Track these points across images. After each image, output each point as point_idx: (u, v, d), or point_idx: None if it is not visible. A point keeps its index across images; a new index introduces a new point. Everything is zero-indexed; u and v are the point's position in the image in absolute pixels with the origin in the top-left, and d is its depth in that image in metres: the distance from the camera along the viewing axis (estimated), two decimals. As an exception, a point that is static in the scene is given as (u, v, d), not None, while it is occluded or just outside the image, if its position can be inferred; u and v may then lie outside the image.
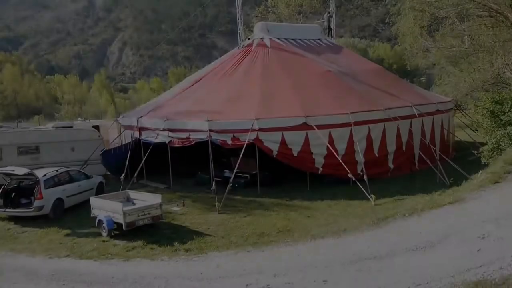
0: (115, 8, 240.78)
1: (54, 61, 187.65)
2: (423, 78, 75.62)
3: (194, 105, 19.80)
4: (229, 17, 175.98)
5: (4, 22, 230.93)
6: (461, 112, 26.75)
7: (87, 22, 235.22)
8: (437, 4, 20.01)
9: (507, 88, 20.19)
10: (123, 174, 18.19)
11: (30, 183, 15.81)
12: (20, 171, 15.51)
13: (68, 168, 17.48)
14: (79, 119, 37.57)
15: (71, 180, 16.84)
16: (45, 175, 15.69)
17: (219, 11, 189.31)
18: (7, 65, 68.99)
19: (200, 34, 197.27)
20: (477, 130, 21.64)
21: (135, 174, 18.32)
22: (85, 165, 19.99)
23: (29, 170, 15.63)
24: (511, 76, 19.35)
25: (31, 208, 15.12)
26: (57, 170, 16.50)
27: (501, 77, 20.13)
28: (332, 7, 27.88)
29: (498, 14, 18.48)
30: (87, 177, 17.81)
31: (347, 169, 16.19)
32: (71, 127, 23.41)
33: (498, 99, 16.32)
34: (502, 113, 15.85)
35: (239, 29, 23.54)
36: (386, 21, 32.25)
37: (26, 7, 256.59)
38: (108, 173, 21.36)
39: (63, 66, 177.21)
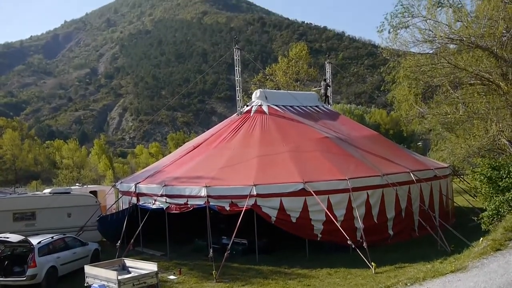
0: (117, 75, 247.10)
1: (54, 126, 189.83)
2: (420, 143, 76.36)
3: (192, 171, 19.86)
4: (228, 83, 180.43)
5: (8, 88, 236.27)
6: (459, 178, 26.84)
7: (89, 89, 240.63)
8: (430, 73, 20.54)
9: (503, 154, 20.34)
10: (119, 241, 17.90)
11: (24, 250, 15.52)
12: (15, 238, 15.27)
13: (64, 234, 17.24)
14: (77, 184, 37.47)
15: (66, 247, 16.57)
16: (39, 242, 15.44)
17: (219, 78, 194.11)
18: (8, 130, 69.73)
19: (200, 100, 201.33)
20: (476, 196, 21.58)
21: (132, 241, 18.03)
22: (81, 232, 19.74)
23: (24, 237, 15.40)
24: (507, 143, 19.55)
25: (24, 277, 14.74)
26: (52, 237, 16.26)
27: (496, 143, 20.34)
28: (328, 75, 28.64)
29: (490, 83, 18.97)
30: (83, 244, 17.54)
31: (346, 236, 15.99)
32: (69, 192, 23.31)
33: (495, 165, 16.41)
34: (500, 179, 15.89)
35: (238, 96, 24.04)
36: (381, 89, 32.98)
37: (30, 74, 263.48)
38: (104, 239, 21.06)
39: (64, 131, 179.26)
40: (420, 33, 18.76)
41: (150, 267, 13.76)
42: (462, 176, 26.95)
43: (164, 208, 18.43)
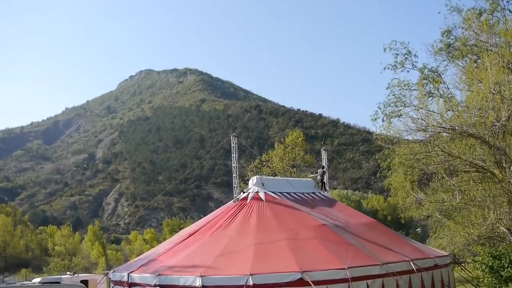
0: (115, 160, 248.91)
1: (49, 211, 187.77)
2: (418, 229, 75.54)
3: (187, 259, 19.39)
4: (225, 169, 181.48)
5: (5, 173, 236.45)
6: (460, 267, 26.24)
7: (86, 174, 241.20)
8: (425, 160, 20.82)
9: (503, 242, 20.09)
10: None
11: None
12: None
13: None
14: (68, 273, 36.36)
15: None
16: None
17: (215, 163, 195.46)
18: (1, 215, 68.89)
19: (196, 185, 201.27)
20: (478, 286, 20.99)
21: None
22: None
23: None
24: (506, 231, 19.37)
25: None
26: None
27: (495, 231, 20.16)
28: (324, 162, 28.88)
29: (485, 170, 19.16)
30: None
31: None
32: (59, 282, 22.54)
33: (496, 254, 16.15)
34: (502, 269, 15.57)
35: (235, 183, 24.04)
36: (377, 175, 33.21)
37: (28, 159, 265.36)
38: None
39: (58, 216, 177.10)
40: (413, 122, 19.25)
41: None
42: (463, 264, 26.38)
43: (157, 299, 17.74)
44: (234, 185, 24.10)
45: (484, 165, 18.83)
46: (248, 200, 23.33)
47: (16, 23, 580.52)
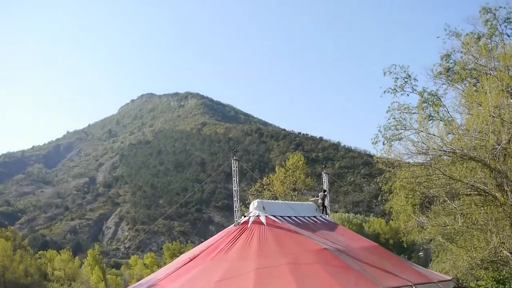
0: (115, 184, 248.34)
1: (49, 235, 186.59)
2: (421, 253, 74.84)
3: (188, 284, 19.21)
4: (226, 192, 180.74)
5: (5, 197, 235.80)
6: (463, 291, 25.92)
7: (86, 198, 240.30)
8: (426, 183, 20.76)
9: (506, 266, 19.89)
10: None
11: None
12: None
13: None
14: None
15: None
16: None
17: (216, 187, 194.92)
18: (1, 240, 68.37)
19: (197, 209, 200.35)
20: (483, 311, 20.70)
21: None
22: None
23: None
24: (509, 255, 19.20)
25: None
26: None
27: (498, 255, 19.99)
28: (325, 186, 28.81)
29: (487, 194, 19.09)
30: None
31: None
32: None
33: (499, 278, 16.02)
34: (506, 294, 15.39)
35: (236, 207, 23.95)
36: (379, 198, 33.08)
37: (29, 183, 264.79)
38: None
39: (58, 240, 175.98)
40: (414, 146, 19.26)
41: None
42: (466, 288, 26.07)
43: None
44: (235, 209, 24.01)
45: (486, 188, 18.78)
46: (249, 224, 23.20)
47: (18, 44, 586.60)
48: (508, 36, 22.69)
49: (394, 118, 20.83)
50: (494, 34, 22.67)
